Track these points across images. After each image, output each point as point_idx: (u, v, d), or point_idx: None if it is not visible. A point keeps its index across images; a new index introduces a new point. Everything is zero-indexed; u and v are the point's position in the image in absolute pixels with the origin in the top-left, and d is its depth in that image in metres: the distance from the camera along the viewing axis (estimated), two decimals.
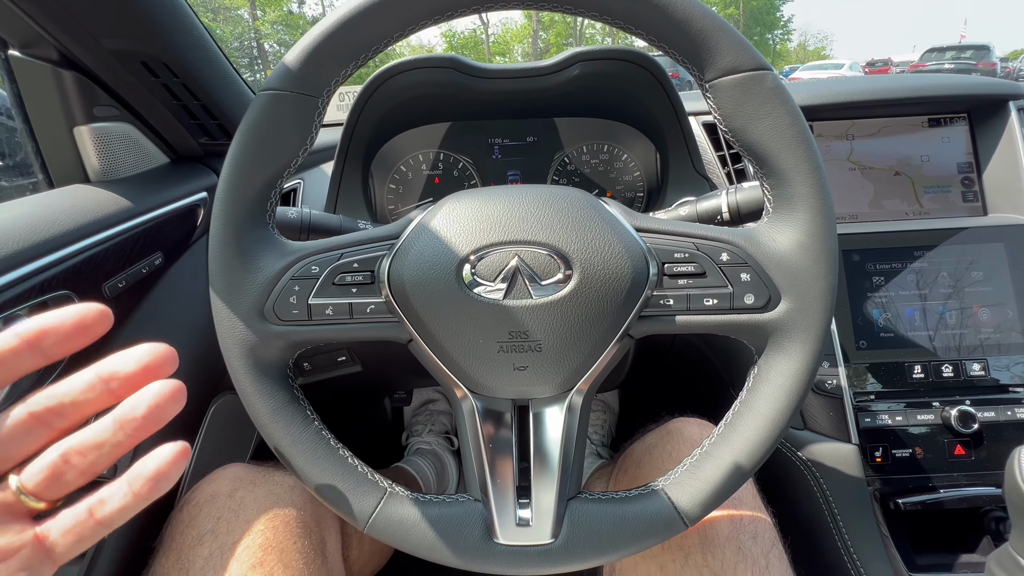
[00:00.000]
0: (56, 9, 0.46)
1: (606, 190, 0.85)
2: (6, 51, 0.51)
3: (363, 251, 0.44)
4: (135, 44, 0.52)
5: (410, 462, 1.16)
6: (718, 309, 0.41)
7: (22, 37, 0.50)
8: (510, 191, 0.44)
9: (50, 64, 0.52)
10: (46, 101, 0.54)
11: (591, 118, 0.83)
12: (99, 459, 0.23)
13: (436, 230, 0.42)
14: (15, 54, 0.51)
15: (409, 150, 0.83)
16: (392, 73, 0.65)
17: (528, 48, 30.88)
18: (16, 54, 0.51)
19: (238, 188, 0.42)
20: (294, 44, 0.41)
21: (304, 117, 0.42)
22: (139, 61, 0.55)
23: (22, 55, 0.51)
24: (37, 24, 0.47)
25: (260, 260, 0.43)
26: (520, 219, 0.41)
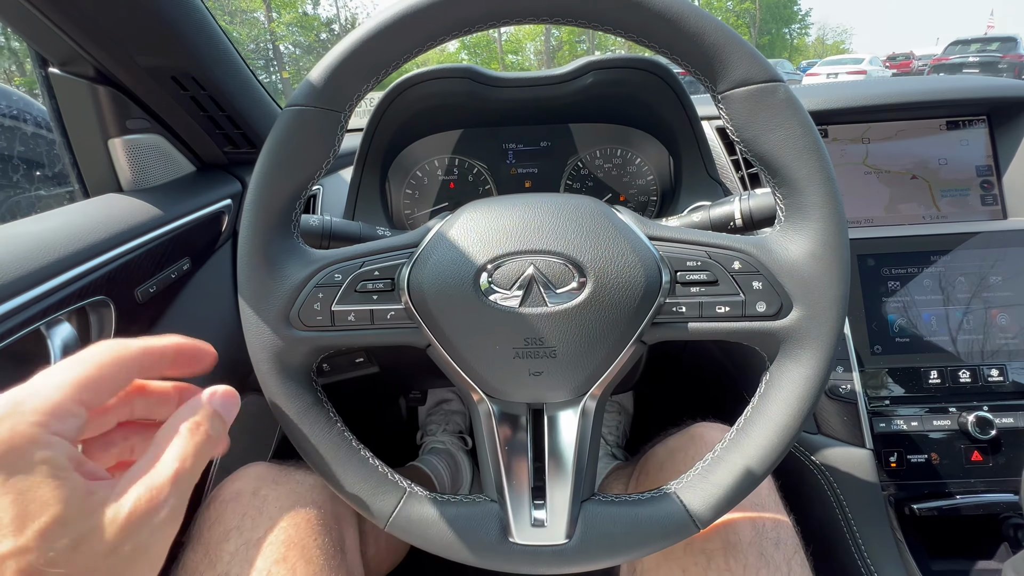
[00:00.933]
0: (94, 29, 0.49)
1: (619, 194, 0.86)
2: (46, 68, 0.54)
3: (384, 259, 0.45)
4: (167, 60, 0.55)
5: (425, 461, 1.18)
6: (730, 316, 0.42)
7: (61, 55, 0.53)
8: (525, 201, 0.45)
9: (87, 80, 0.55)
10: (83, 115, 0.57)
11: (605, 123, 0.83)
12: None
13: (454, 239, 0.43)
14: (55, 71, 0.54)
15: (425, 156, 0.85)
16: (409, 84, 0.66)
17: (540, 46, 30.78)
18: (56, 71, 0.54)
19: (265, 200, 0.43)
20: (313, 46, 0.43)
21: (328, 131, 0.44)
22: (170, 76, 0.57)
23: (61, 72, 0.54)
24: (76, 43, 0.50)
25: (286, 268, 0.45)
26: (535, 229, 0.42)
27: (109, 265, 0.55)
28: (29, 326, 0.47)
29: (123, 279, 0.56)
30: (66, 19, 0.48)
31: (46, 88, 0.55)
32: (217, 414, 0.31)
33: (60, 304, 0.50)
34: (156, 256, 0.62)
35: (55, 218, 0.53)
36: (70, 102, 0.56)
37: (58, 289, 0.50)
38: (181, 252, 0.66)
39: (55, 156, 0.60)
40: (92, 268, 0.53)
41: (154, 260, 0.61)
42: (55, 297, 0.49)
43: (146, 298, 0.59)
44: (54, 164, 0.60)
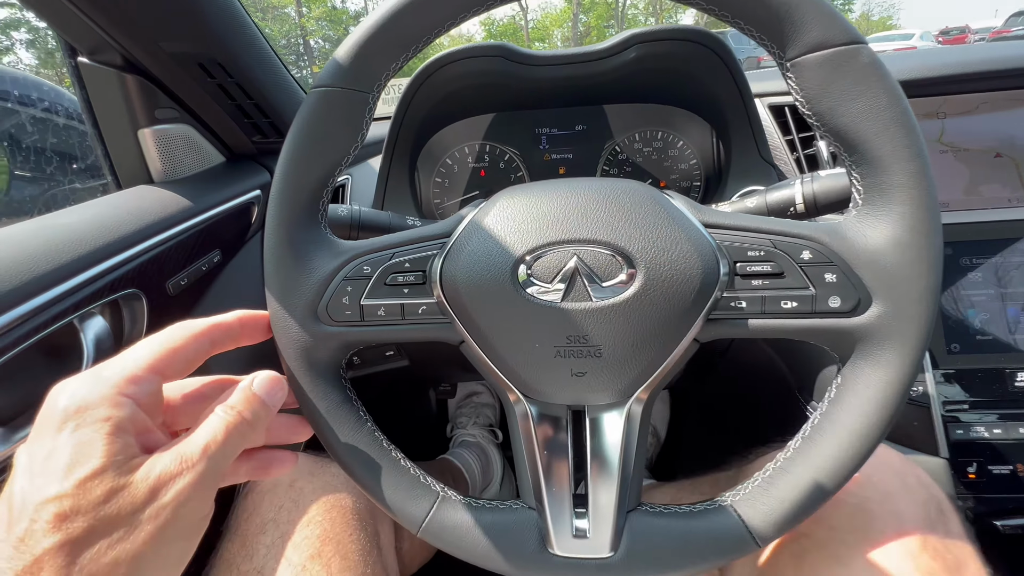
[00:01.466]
0: (119, 15, 0.47)
1: (660, 180, 0.81)
2: (75, 58, 0.53)
3: (414, 250, 0.43)
4: (192, 46, 0.53)
5: (455, 454, 1.16)
6: (798, 313, 0.37)
7: (90, 44, 0.52)
8: (566, 185, 0.41)
9: (115, 69, 0.54)
10: (112, 105, 0.56)
11: (644, 104, 0.78)
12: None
13: (489, 228, 0.40)
14: (84, 60, 0.53)
15: (454, 143, 0.82)
16: (440, 64, 0.63)
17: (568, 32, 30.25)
18: (85, 60, 0.53)
19: (292, 188, 0.41)
20: (343, 40, 0.40)
21: (355, 113, 0.41)
22: (196, 63, 0.56)
23: (90, 61, 0.53)
24: (102, 30, 0.49)
25: (313, 260, 0.43)
26: (578, 216, 0.39)
27: (140, 258, 0.54)
28: (62, 319, 0.47)
29: (154, 272, 0.56)
30: (91, 5, 0.46)
31: (76, 78, 0.54)
32: (256, 397, 0.32)
33: (92, 297, 0.50)
34: (187, 248, 0.61)
35: (87, 210, 0.53)
36: (99, 92, 0.55)
37: (90, 282, 0.49)
38: (211, 244, 0.65)
39: (88, 148, 0.59)
40: (123, 261, 0.52)
41: (185, 252, 0.61)
42: (87, 290, 0.49)
43: (177, 290, 0.59)
44: (87, 156, 0.60)
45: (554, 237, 0.38)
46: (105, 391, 0.26)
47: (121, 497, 0.25)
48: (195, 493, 0.26)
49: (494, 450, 1.25)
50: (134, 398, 0.27)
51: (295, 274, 0.42)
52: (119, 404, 0.26)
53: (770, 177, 0.68)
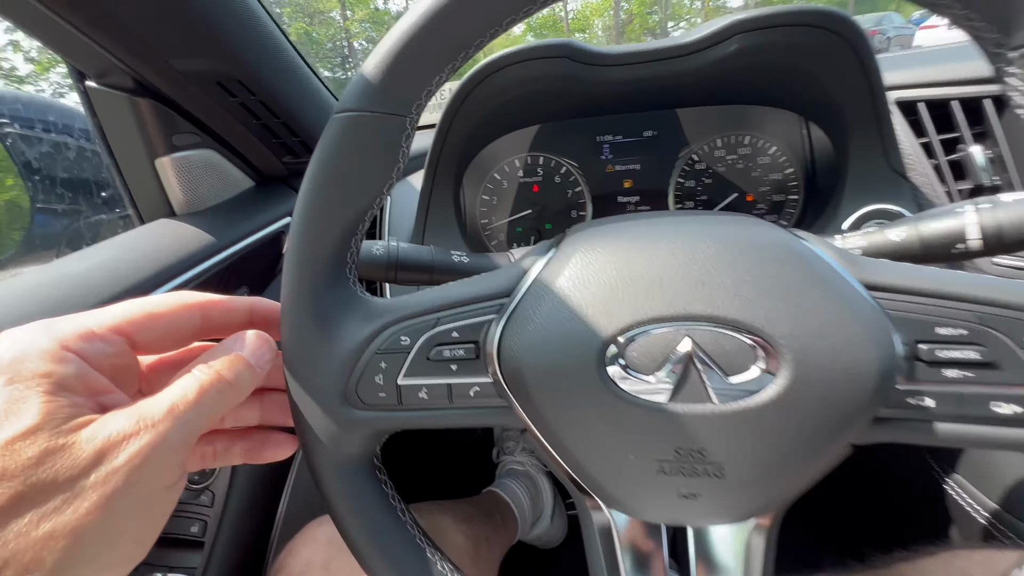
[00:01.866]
0: (123, 33, 0.41)
1: (746, 194, 0.68)
2: (83, 82, 0.47)
3: (464, 315, 0.34)
4: (207, 63, 0.46)
5: (503, 486, 1.08)
6: (1020, 421, 0.25)
7: (97, 66, 0.46)
8: (670, 228, 0.31)
9: (126, 93, 0.48)
10: (126, 133, 0.50)
11: (725, 105, 0.66)
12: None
13: (564, 291, 0.30)
14: (92, 85, 0.47)
15: (502, 155, 0.72)
16: (495, 68, 0.53)
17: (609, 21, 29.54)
18: (93, 85, 0.47)
19: (312, 241, 0.33)
20: (372, 51, 0.31)
21: (389, 143, 0.32)
22: (214, 81, 0.49)
23: (98, 85, 0.47)
24: (107, 51, 0.42)
25: (340, 328, 0.34)
26: (692, 279, 0.28)
27: None
28: None
29: None
30: (90, 24, 0.40)
31: (86, 104, 0.49)
32: (239, 357, 0.28)
33: None
34: (211, 286, 0.55)
35: (100, 254, 0.47)
36: (111, 118, 0.49)
37: None
38: (239, 279, 0.58)
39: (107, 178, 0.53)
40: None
41: (209, 291, 0.54)
42: None
43: None
44: (109, 185, 0.54)
45: (658, 311, 0.28)
46: (47, 345, 0.23)
47: (58, 459, 0.21)
48: (155, 456, 0.22)
49: (544, 479, 1.16)
50: (85, 356, 0.23)
51: (318, 345, 0.34)
52: (62, 359, 0.23)
53: (899, 193, 0.54)
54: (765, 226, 0.30)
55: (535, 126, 0.70)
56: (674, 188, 0.69)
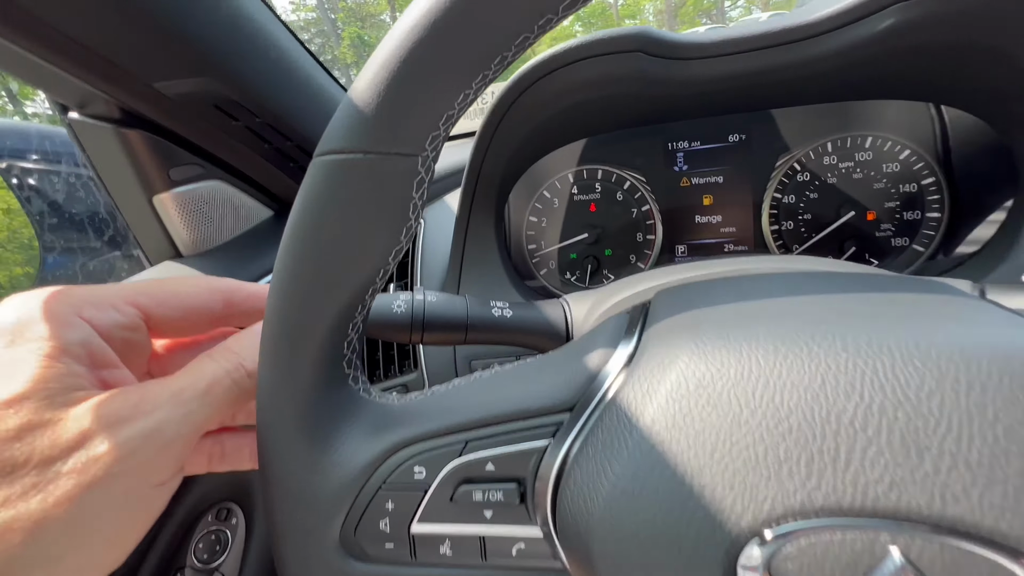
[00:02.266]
0: (91, 58, 0.33)
1: (867, 210, 0.53)
2: (66, 114, 0.41)
3: (503, 438, 0.24)
4: (196, 84, 0.38)
5: None
6: None
7: (75, 96, 0.39)
8: (835, 316, 0.19)
9: (112, 124, 0.41)
10: (118, 168, 0.43)
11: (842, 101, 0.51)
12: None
13: (664, 426, 0.20)
14: (75, 116, 0.41)
15: (554, 169, 0.61)
16: (547, 70, 0.41)
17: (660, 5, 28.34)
18: (75, 116, 0.41)
19: (294, 328, 0.24)
20: (364, 65, 0.21)
21: (395, 194, 0.23)
22: (210, 104, 0.41)
23: (81, 117, 0.41)
24: (77, 78, 0.35)
25: (334, 446, 0.25)
26: (903, 443, 0.16)
27: None
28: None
29: None
30: (54, 51, 0.32)
31: (74, 138, 0.42)
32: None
33: None
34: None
35: None
36: (100, 153, 0.43)
37: None
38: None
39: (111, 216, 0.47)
40: None
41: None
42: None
43: None
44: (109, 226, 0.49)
45: (838, 496, 0.16)
46: (57, 308, 0.21)
47: (38, 436, 0.18)
48: (146, 448, 0.19)
49: None
50: (95, 324, 0.22)
51: (305, 472, 0.25)
52: (70, 324, 0.21)
53: None
54: (996, 313, 0.18)
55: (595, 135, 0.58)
56: (769, 205, 0.55)
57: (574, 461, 0.21)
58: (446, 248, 0.60)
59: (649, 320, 0.25)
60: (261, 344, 0.24)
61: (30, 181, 0.52)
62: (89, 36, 0.32)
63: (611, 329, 0.26)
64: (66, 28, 0.32)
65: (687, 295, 0.26)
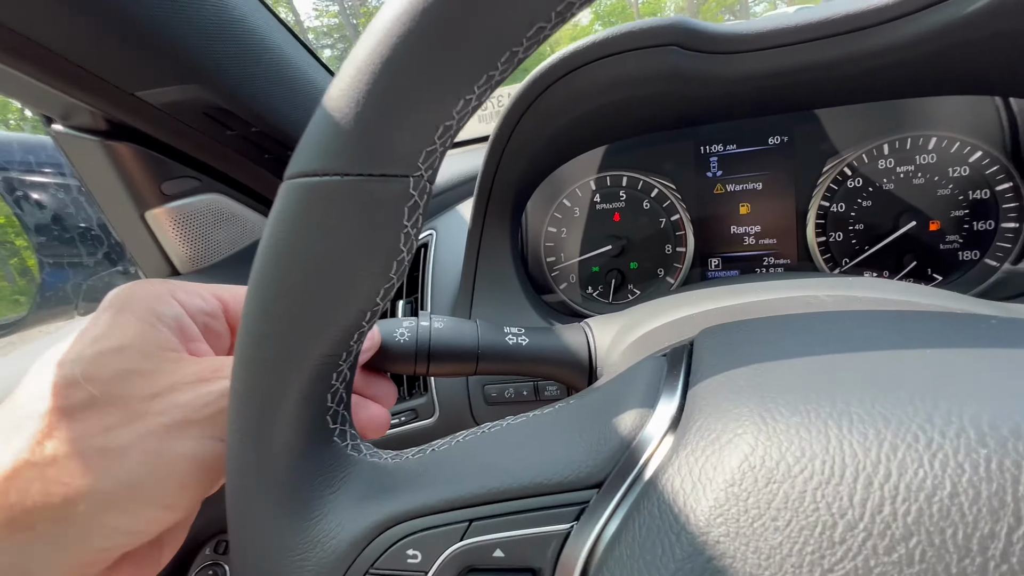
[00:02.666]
0: (64, 66, 0.30)
1: (929, 220, 0.47)
2: (50, 125, 0.38)
3: (518, 520, 0.20)
4: (182, 92, 0.35)
5: None
6: None
7: (58, 108, 0.37)
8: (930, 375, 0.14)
9: (98, 136, 0.38)
10: (108, 183, 0.41)
11: (898, 99, 0.45)
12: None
13: (723, 521, 0.15)
14: (59, 128, 0.38)
15: (575, 175, 0.57)
16: (568, 68, 0.37)
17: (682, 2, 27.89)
18: (60, 128, 0.38)
19: (267, 382, 0.20)
20: (342, 66, 0.18)
21: (383, 221, 0.19)
22: (200, 112, 0.38)
23: (65, 129, 0.38)
24: (54, 88, 0.32)
25: (315, 524, 0.21)
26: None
27: None
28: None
29: None
30: (23, 60, 0.29)
31: (62, 151, 0.40)
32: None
33: None
34: None
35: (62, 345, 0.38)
36: (88, 167, 0.40)
37: None
38: None
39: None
40: None
41: None
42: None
43: None
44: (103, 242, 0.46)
45: None
46: (157, 288, 0.24)
47: (136, 380, 0.21)
48: (220, 403, 0.22)
49: None
50: (185, 306, 0.25)
51: (276, 551, 0.21)
52: (166, 302, 0.24)
53: None
54: None
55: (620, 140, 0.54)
56: (816, 215, 0.50)
57: (604, 559, 0.17)
58: (459, 261, 0.56)
59: (695, 369, 0.21)
60: (230, 395, 0.21)
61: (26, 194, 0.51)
62: (64, 46, 0.29)
63: (647, 377, 0.22)
64: (40, 37, 0.29)
65: (739, 338, 0.21)
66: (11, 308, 0.77)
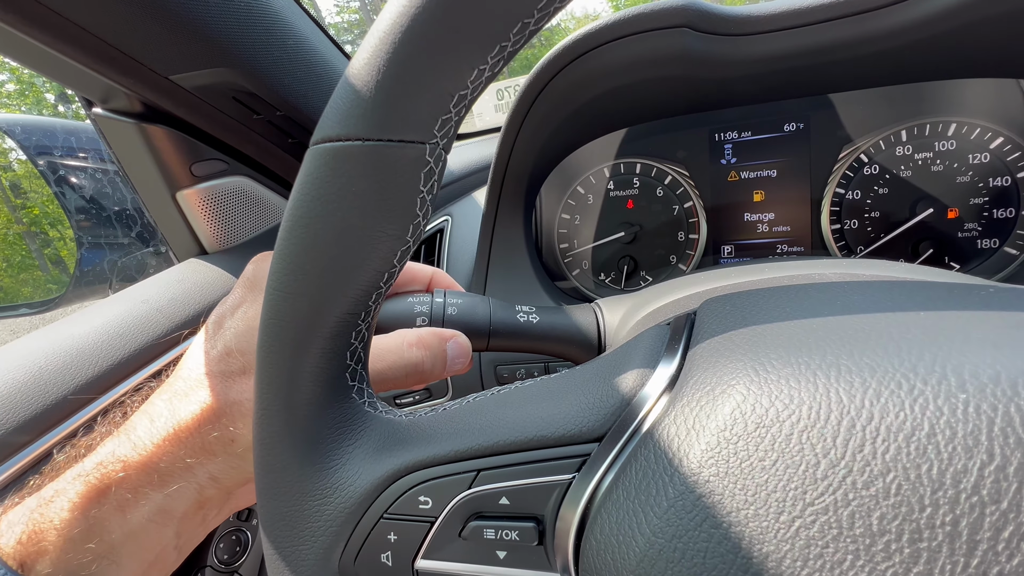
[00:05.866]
0: (105, 50, 0.32)
1: (947, 208, 0.47)
2: (91, 108, 0.41)
3: (520, 469, 0.21)
4: (213, 76, 0.37)
5: None
6: None
7: (97, 90, 0.39)
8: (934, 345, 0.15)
9: (134, 119, 0.40)
10: (142, 165, 0.43)
11: (915, 83, 0.45)
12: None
13: (719, 471, 0.16)
14: (99, 112, 0.40)
15: (588, 162, 0.57)
16: (579, 51, 0.37)
17: None
18: (100, 111, 0.40)
19: (291, 337, 0.22)
20: (365, 38, 0.19)
21: (401, 185, 0.20)
22: (229, 96, 0.39)
23: (104, 112, 0.40)
24: (94, 71, 0.34)
25: (334, 472, 0.23)
26: None
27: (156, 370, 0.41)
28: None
29: None
30: (67, 43, 0.32)
31: (100, 135, 0.42)
32: (444, 355, 0.31)
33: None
34: None
35: (108, 311, 0.40)
36: (124, 149, 0.42)
37: (94, 417, 0.36)
38: None
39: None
40: (145, 381, 0.39)
41: None
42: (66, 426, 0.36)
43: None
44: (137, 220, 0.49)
45: None
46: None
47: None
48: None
49: None
50: None
51: (297, 492, 0.23)
52: None
53: None
54: None
55: (633, 127, 0.54)
56: (831, 202, 0.49)
57: (602, 503, 0.18)
58: (473, 247, 0.57)
59: (695, 334, 0.21)
60: (257, 352, 0.22)
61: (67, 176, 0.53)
62: (102, 28, 0.31)
63: (649, 342, 0.23)
64: (79, 20, 0.31)
65: (741, 305, 0.22)
66: (44, 295, 0.81)
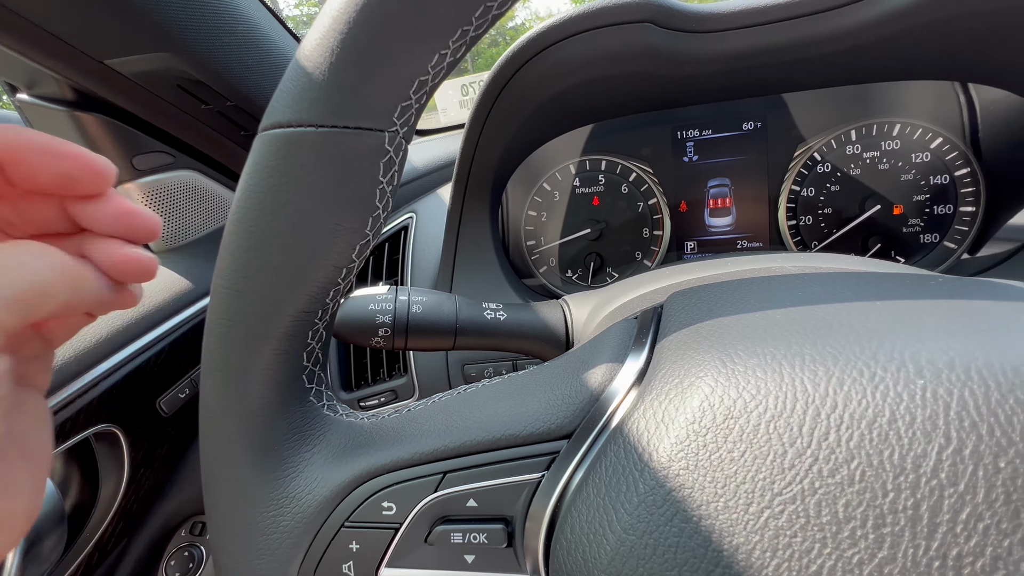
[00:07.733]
0: (33, 32, 0.29)
1: (893, 204, 0.49)
2: (15, 95, 0.37)
3: (490, 471, 0.20)
4: (156, 61, 0.34)
5: None
6: None
7: (22, 75, 0.35)
8: (898, 332, 0.15)
9: (65, 107, 0.37)
10: None
11: (865, 83, 0.47)
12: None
13: (690, 465, 0.16)
14: (24, 98, 0.37)
15: (554, 159, 0.57)
16: (543, 45, 0.37)
17: None
18: (25, 98, 0.37)
19: (242, 339, 0.20)
20: (317, 16, 0.18)
21: (358, 178, 0.19)
22: (173, 84, 0.37)
23: (31, 98, 0.37)
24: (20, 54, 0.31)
25: (291, 481, 0.22)
26: (1009, 503, 0.12)
27: (113, 376, 0.38)
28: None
29: (137, 392, 0.39)
30: None
31: (26, 122, 0.39)
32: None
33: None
34: (187, 347, 0.44)
35: None
36: None
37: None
38: None
39: None
40: (88, 385, 0.36)
41: (185, 353, 0.44)
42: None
43: (174, 408, 0.42)
44: None
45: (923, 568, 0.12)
46: None
47: None
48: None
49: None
50: None
51: (253, 506, 0.21)
52: None
53: None
54: None
55: (597, 123, 0.54)
56: (786, 199, 0.51)
57: (572, 501, 0.18)
58: (439, 244, 0.56)
59: (663, 328, 0.21)
60: (203, 354, 0.21)
61: None
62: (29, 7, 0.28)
63: (617, 337, 0.22)
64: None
65: (707, 298, 0.22)
66: None
